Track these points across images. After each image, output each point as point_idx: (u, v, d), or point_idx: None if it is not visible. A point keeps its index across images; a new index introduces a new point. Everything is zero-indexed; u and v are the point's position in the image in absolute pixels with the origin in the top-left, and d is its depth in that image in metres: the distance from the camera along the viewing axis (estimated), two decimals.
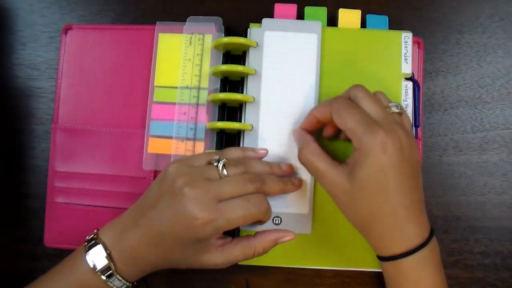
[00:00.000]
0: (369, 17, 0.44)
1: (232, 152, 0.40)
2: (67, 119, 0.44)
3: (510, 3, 0.47)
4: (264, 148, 0.41)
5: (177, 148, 0.42)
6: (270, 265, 0.42)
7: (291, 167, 0.41)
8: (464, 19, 0.47)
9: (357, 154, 0.35)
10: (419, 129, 0.43)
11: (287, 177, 0.41)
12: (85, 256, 0.36)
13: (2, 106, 0.47)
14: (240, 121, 0.43)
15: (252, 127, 0.42)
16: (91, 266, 0.35)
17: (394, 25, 0.44)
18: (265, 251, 0.39)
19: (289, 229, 0.41)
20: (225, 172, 0.37)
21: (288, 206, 0.42)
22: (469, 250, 0.45)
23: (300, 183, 0.41)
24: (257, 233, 0.39)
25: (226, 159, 0.38)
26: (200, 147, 0.43)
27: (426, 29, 0.46)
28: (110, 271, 0.35)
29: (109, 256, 0.35)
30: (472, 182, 0.45)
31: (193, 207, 0.34)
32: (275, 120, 0.42)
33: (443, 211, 0.45)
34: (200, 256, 0.37)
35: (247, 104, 0.42)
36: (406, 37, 0.43)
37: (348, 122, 0.35)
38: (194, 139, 0.43)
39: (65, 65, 0.45)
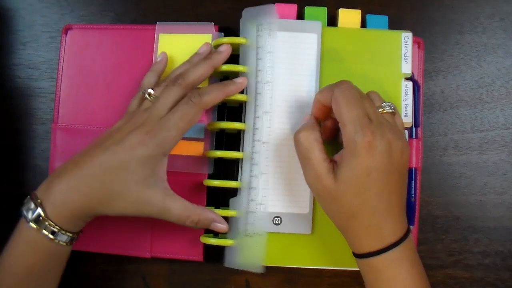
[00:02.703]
0: (369, 17, 0.44)
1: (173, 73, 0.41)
2: (67, 119, 0.44)
3: (510, 3, 0.47)
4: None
5: (176, 147, 0.42)
6: (270, 265, 0.42)
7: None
8: (464, 19, 0.47)
9: (345, 153, 0.35)
10: (419, 129, 0.43)
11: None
12: (22, 216, 0.35)
13: (2, 106, 0.47)
14: (240, 121, 0.43)
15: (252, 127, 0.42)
16: (26, 221, 0.35)
17: (394, 25, 0.44)
18: (197, 224, 0.38)
19: (289, 229, 0.42)
20: (153, 97, 0.38)
21: (288, 206, 0.42)
22: (469, 250, 0.45)
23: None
24: (200, 206, 0.39)
25: (152, 87, 0.39)
26: (200, 147, 0.43)
27: (426, 29, 0.46)
28: (40, 218, 0.34)
29: (40, 205, 0.35)
30: (472, 182, 0.45)
31: (136, 131, 0.36)
32: (275, 120, 0.42)
33: (443, 211, 0.45)
34: (142, 189, 0.36)
35: (247, 104, 0.42)
36: (406, 37, 0.43)
37: (344, 115, 0.35)
38: (194, 139, 0.43)
39: (65, 65, 0.45)
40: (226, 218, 0.42)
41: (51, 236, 0.35)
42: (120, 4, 0.47)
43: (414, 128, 0.43)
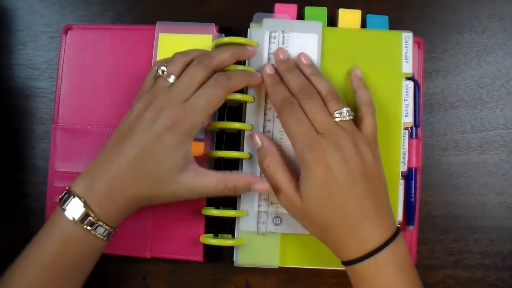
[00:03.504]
0: (369, 17, 0.44)
1: (188, 52, 0.39)
2: (67, 119, 0.44)
3: (510, 3, 0.47)
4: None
5: None
6: (270, 265, 0.42)
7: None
8: (464, 19, 0.47)
9: (301, 170, 0.35)
10: (419, 129, 0.43)
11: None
12: (63, 212, 0.35)
13: (2, 106, 0.47)
14: (240, 121, 0.43)
15: (252, 127, 0.42)
16: (71, 219, 0.35)
17: (394, 25, 0.44)
18: (235, 191, 0.39)
19: (289, 229, 0.42)
20: (165, 73, 0.37)
21: None
22: (469, 250, 0.45)
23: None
24: (234, 172, 0.39)
25: (165, 64, 0.38)
26: (200, 147, 0.43)
27: (426, 29, 0.46)
28: (89, 218, 0.35)
29: (85, 204, 0.35)
30: (472, 182, 0.45)
31: (161, 117, 0.35)
32: (276, 120, 0.42)
33: (443, 211, 0.45)
34: (177, 175, 0.36)
35: (247, 104, 0.42)
36: (406, 37, 0.43)
37: (291, 131, 0.36)
38: (194, 139, 0.42)
39: (65, 65, 0.45)
40: (233, 219, 0.42)
41: (94, 231, 0.35)
42: (121, 4, 0.47)
43: (414, 128, 0.43)
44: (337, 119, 0.37)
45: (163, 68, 0.38)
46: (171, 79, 0.37)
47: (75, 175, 0.43)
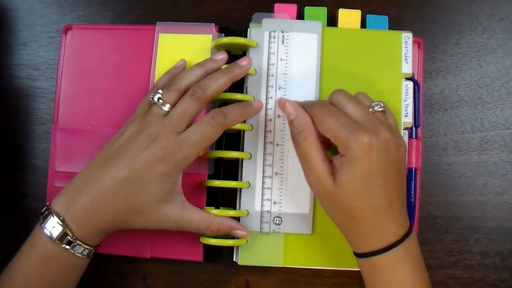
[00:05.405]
0: (369, 17, 0.44)
1: (184, 78, 0.39)
2: (67, 119, 0.44)
3: (510, 3, 0.47)
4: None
5: None
6: (270, 265, 0.42)
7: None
8: (464, 19, 0.47)
9: (343, 160, 0.34)
10: (419, 129, 0.43)
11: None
12: (42, 230, 0.35)
13: (2, 106, 0.47)
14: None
15: (252, 127, 0.42)
16: (49, 236, 0.35)
17: (394, 25, 0.44)
18: (217, 233, 0.39)
19: (289, 229, 0.42)
20: (161, 101, 0.37)
21: (289, 206, 0.42)
22: (469, 250, 0.45)
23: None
24: (218, 215, 0.40)
25: (161, 90, 0.38)
26: None
27: (426, 29, 0.46)
28: (68, 237, 0.35)
29: (63, 222, 0.35)
30: (472, 182, 0.45)
31: (153, 146, 0.36)
32: (277, 119, 0.42)
33: (443, 211, 0.45)
34: (162, 205, 0.37)
35: None
36: (406, 37, 0.43)
37: (332, 128, 0.35)
38: None
39: (65, 65, 0.45)
40: (237, 218, 0.42)
41: (72, 250, 0.35)
42: (120, 4, 0.47)
43: (414, 128, 0.43)
44: (371, 110, 0.37)
45: (159, 95, 0.37)
46: (166, 107, 0.37)
47: (75, 175, 0.44)
